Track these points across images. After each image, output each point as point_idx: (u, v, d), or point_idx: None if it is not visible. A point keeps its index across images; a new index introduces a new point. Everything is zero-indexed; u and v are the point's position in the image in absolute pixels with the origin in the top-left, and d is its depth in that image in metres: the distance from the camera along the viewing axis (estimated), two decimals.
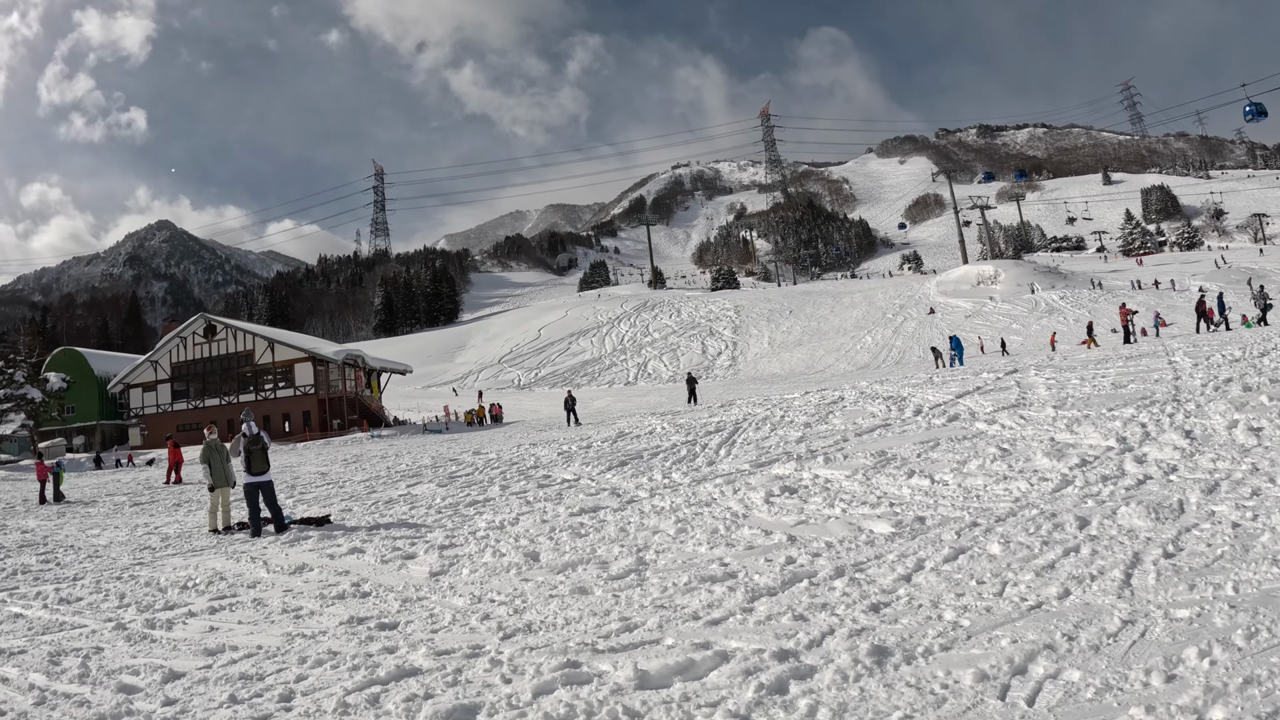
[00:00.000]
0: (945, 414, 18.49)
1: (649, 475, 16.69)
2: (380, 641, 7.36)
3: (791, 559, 8.71)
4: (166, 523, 19.14)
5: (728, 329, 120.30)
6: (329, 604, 9.14)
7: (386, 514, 16.07)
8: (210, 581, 11.06)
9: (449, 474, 21.83)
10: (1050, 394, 19.00)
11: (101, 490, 32.73)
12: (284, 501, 19.44)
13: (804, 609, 6.94)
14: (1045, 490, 10.49)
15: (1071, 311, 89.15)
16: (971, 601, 6.64)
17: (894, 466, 13.40)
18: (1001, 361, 38.25)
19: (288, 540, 14.08)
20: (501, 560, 10.44)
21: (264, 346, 75.55)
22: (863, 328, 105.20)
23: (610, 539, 11.04)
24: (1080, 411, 15.82)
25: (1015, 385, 21.81)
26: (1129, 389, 17.87)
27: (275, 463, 34.48)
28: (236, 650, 7.58)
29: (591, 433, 30.04)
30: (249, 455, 15.43)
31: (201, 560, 12.97)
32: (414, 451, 34.06)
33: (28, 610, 10.40)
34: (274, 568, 11.65)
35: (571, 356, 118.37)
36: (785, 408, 25.77)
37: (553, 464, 21.03)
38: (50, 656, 7.96)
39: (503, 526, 12.92)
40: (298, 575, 11.03)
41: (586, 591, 8.39)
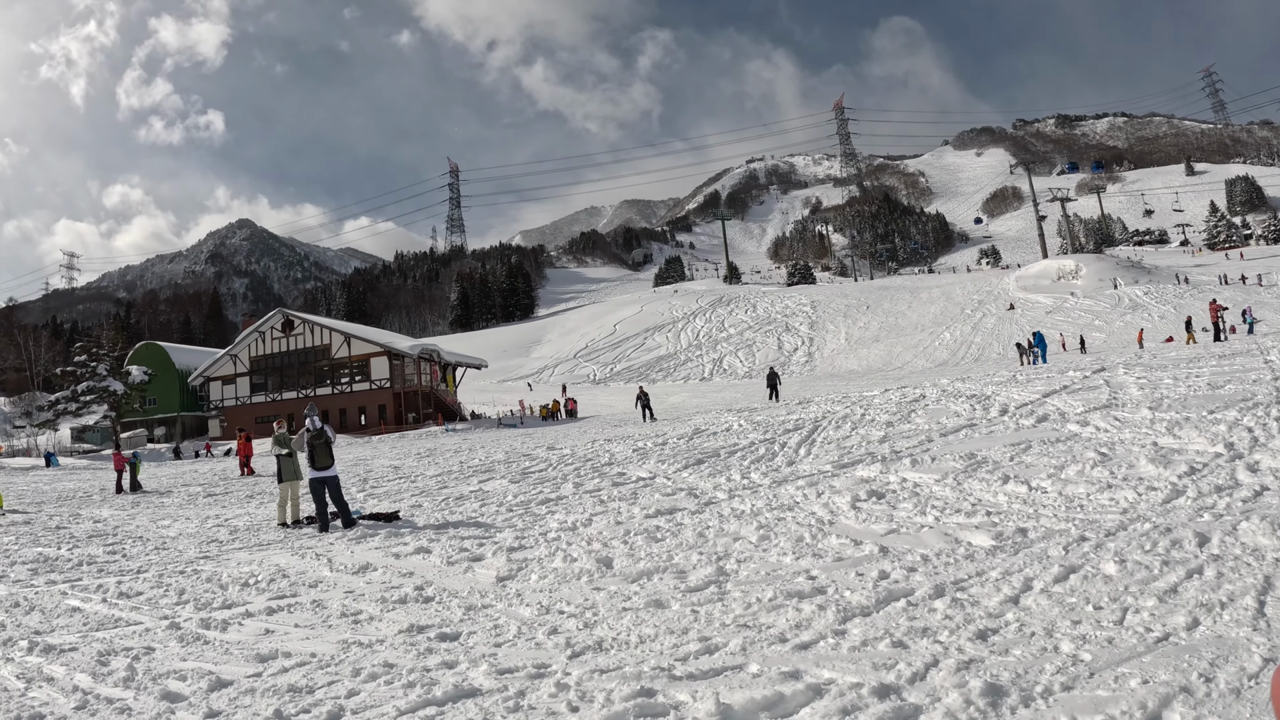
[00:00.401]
0: (1033, 414, 17.86)
1: (727, 475, 16.06)
2: (440, 655, 6.84)
3: (885, 574, 8.01)
4: (237, 515, 19.02)
5: (804, 325, 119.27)
6: (389, 609, 8.68)
7: (456, 511, 15.63)
8: (272, 579, 10.73)
9: (522, 470, 21.38)
10: (1143, 394, 18.34)
11: (178, 480, 33.12)
12: (354, 496, 19.23)
13: (903, 634, 6.28)
14: (1155, 501, 9.72)
15: (1156, 308, 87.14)
16: (1090, 630, 5.94)
17: (986, 470, 12.68)
18: (1086, 360, 37.17)
19: (354, 537, 13.72)
20: (572, 566, 9.87)
21: (340, 341, 76.20)
22: (941, 324, 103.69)
23: (688, 545, 10.37)
24: (1179, 414, 15.10)
25: (1104, 384, 21.20)
26: (1227, 390, 17.20)
27: (349, 456, 34.93)
28: (289, 658, 7.15)
29: (667, 429, 29.56)
30: (312, 450, 15.10)
31: (266, 555, 12.67)
32: (488, 446, 33.76)
33: (86, 604, 10.18)
34: (337, 566, 11.26)
35: (646, 352, 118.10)
36: (865, 406, 25.20)
37: (627, 461, 20.48)
38: (99, 656, 7.69)
39: (575, 528, 12.35)
40: (360, 575, 10.60)
41: (663, 605, 7.78)
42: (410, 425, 67.70)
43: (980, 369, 47.57)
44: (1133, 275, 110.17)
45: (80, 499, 27.77)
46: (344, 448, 43.35)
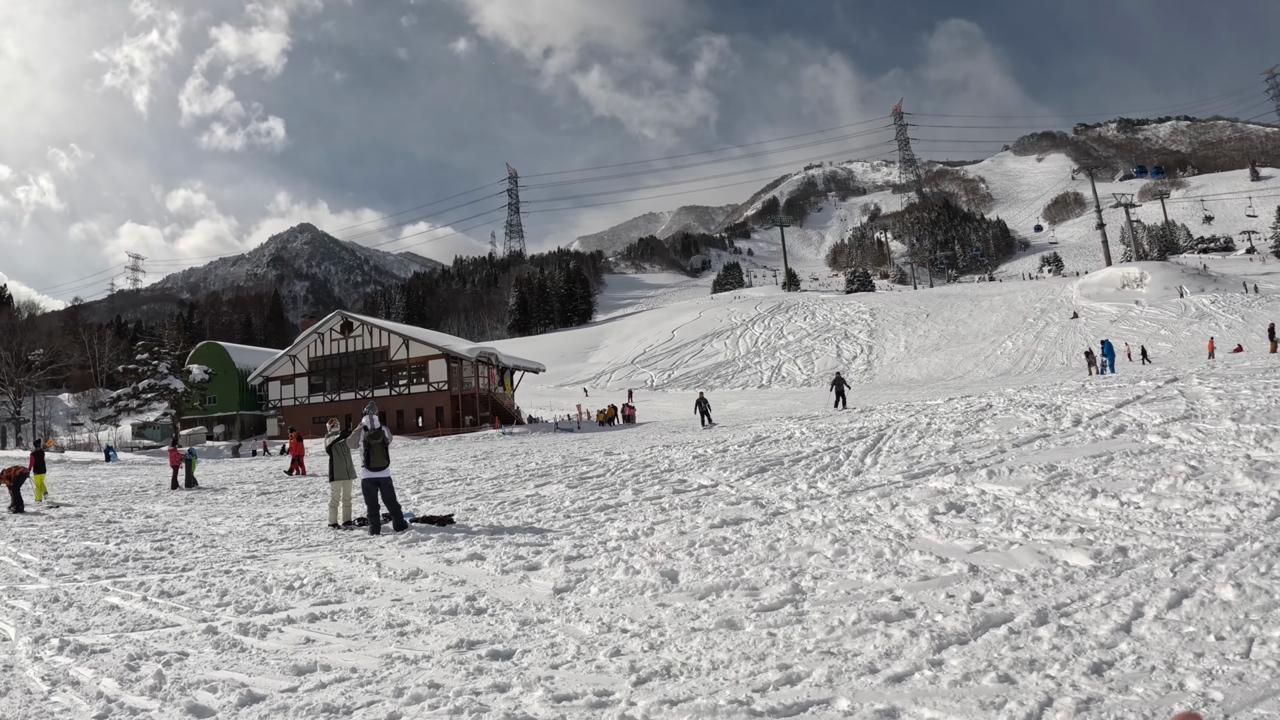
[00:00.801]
0: (1109, 425, 17.34)
1: (792, 484, 15.51)
2: (490, 675, 6.29)
3: (978, 595, 7.36)
4: (289, 514, 18.79)
5: (863, 332, 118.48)
6: (439, 620, 8.15)
7: (512, 516, 15.19)
8: (318, 583, 10.30)
9: (579, 475, 20.95)
10: (1222, 405, 17.75)
11: (234, 478, 33.39)
12: (408, 498, 18.91)
13: (1008, 666, 5.63)
14: (1259, 518, 9.10)
15: (1223, 317, 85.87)
16: (1216, 665, 5.32)
17: (1070, 484, 12.08)
18: (1156, 369, 36.26)
19: (406, 540, 13.26)
20: (635, 579, 9.27)
21: (399, 343, 76.42)
22: (1002, 332, 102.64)
23: (758, 559, 9.75)
24: (1265, 425, 14.49)
25: (1179, 395, 20.62)
26: None
27: (405, 457, 34.72)
28: (328, 671, 6.65)
29: (727, 435, 29.04)
30: (368, 449, 14.70)
31: (314, 557, 12.28)
32: (544, 450, 33.50)
33: (126, 602, 9.90)
34: (386, 571, 10.79)
35: (705, 358, 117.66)
36: (930, 414, 24.68)
37: (688, 468, 20.02)
38: (130, 659, 7.33)
39: (636, 537, 11.81)
40: (410, 582, 10.10)
41: (735, 625, 7.15)
42: (467, 428, 67.70)
43: (1045, 378, 46.69)
44: (1198, 283, 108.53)
45: (135, 494, 27.80)
46: (400, 449, 43.24)
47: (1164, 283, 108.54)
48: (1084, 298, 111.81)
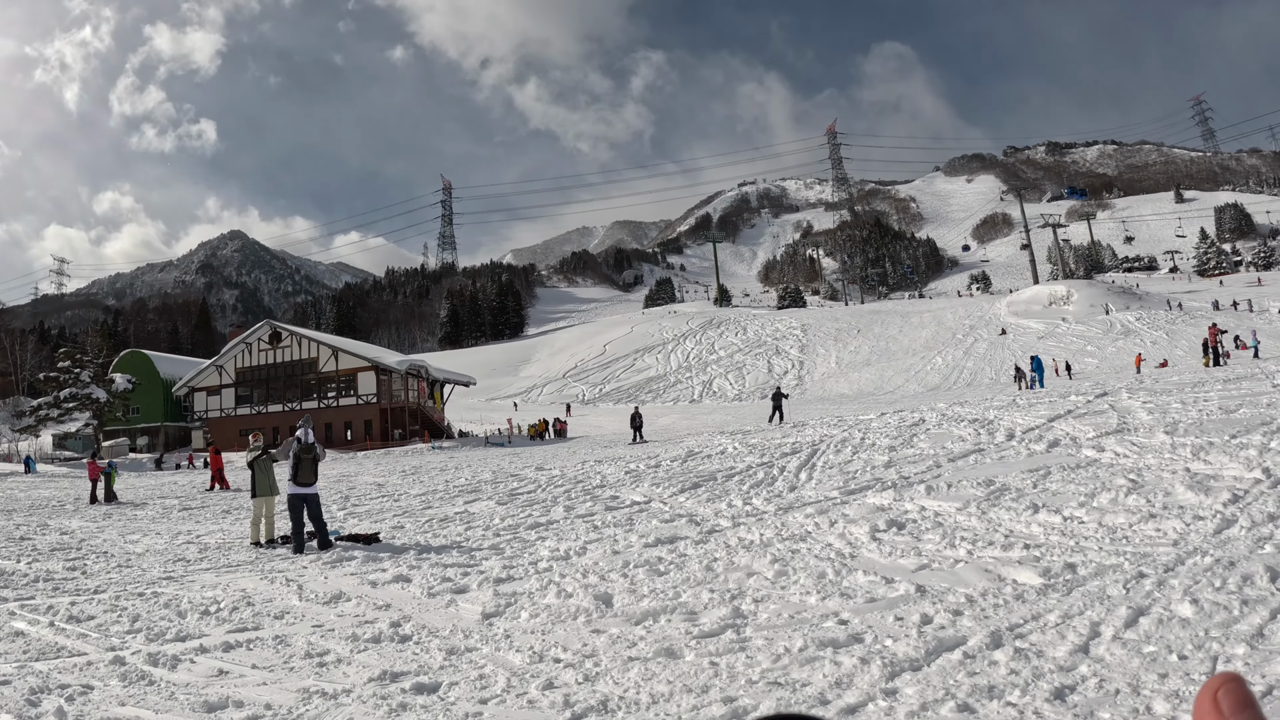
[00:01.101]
0: (1043, 439, 17.56)
1: (727, 500, 15.32)
2: (415, 712, 5.89)
3: (928, 617, 7.07)
4: (210, 531, 18.25)
5: (794, 348, 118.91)
6: (361, 649, 7.71)
7: (440, 534, 14.82)
8: (235, 607, 9.83)
9: (510, 491, 20.63)
10: (1153, 419, 18.05)
11: (155, 492, 32.65)
12: (334, 515, 18.45)
13: (966, 694, 5.36)
14: (1206, 531, 9.05)
15: (1148, 333, 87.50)
16: (1181, 686, 5.11)
17: (1010, 498, 12.04)
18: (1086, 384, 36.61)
19: (330, 560, 12.83)
20: (567, 603, 8.87)
21: (328, 354, 75.44)
22: (932, 348, 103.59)
23: (696, 580, 9.43)
24: (1199, 438, 14.73)
25: (1110, 409, 20.92)
26: (1241, 414, 16.93)
27: (333, 472, 34.13)
28: (240, 708, 6.22)
29: (659, 451, 28.82)
30: (298, 463, 14.26)
31: (233, 579, 11.80)
32: (475, 465, 33.08)
33: (32, 627, 9.38)
34: (308, 594, 10.32)
35: (636, 373, 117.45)
36: (864, 429, 24.73)
37: (620, 483, 19.80)
38: (30, 694, 6.82)
39: (568, 557, 11.45)
40: (332, 606, 9.67)
41: (675, 654, 6.78)
42: (396, 442, 66.90)
43: (975, 393, 46.99)
44: (1124, 301, 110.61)
45: (53, 508, 27.04)
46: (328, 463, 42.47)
47: (1090, 300, 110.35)
48: (1012, 315, 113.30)
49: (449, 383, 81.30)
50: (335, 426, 71.33)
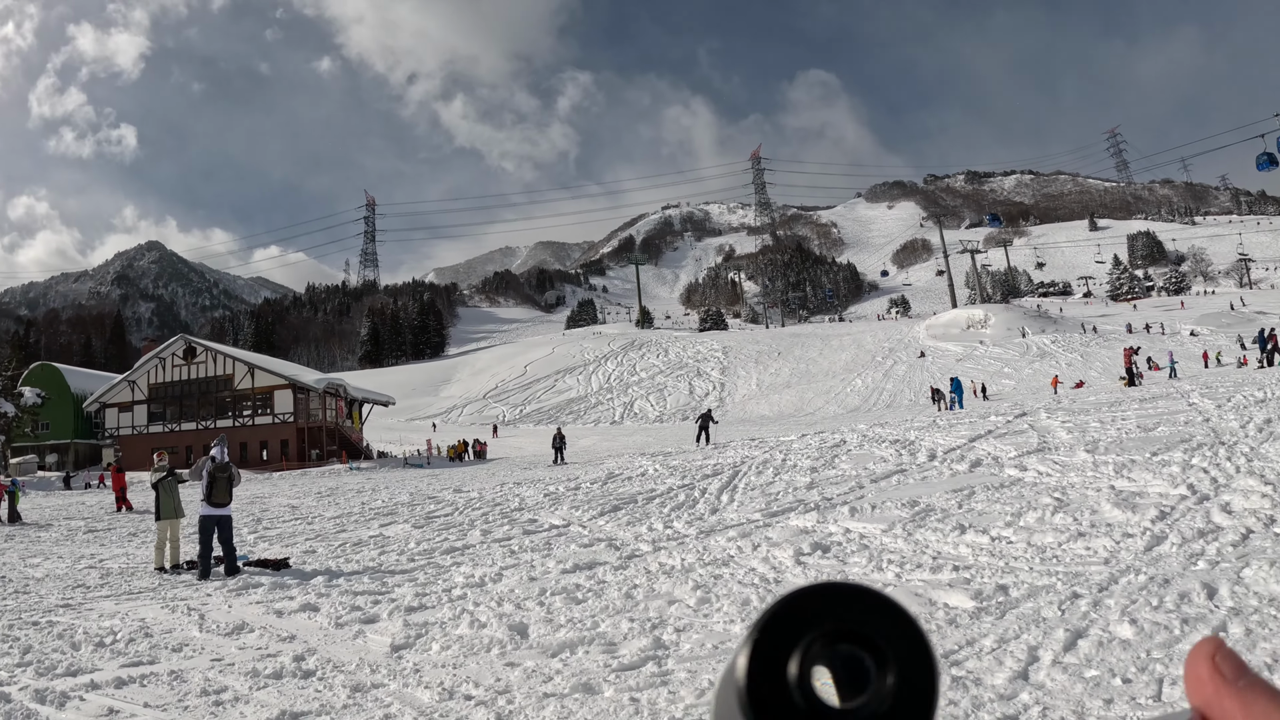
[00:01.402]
0: (964, 459, 17.57)
1: (647, 523, 15.11)
2: None
3: None
4: (114, 555, 17.67)
5: (715, 370, 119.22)
6: (261, 685, 7.28)
7: (353, 559, 14.41)
8: (132, 638, 9.33)
9: (426, 514, 20.25)
10: (1073, 437, 18.20)
11: (62, 512, 31.56)
12: (244, 538, 17.97)
13: None
14: (1136, 549, 9.11)
15: (1064, 355, 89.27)
16: (1129, 711, 4.98)
17: (935, 519, 12.01)
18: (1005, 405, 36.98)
19: (235, 587, 12.36)
20: (481, 633, 8.52)
21: (244, 371, 74.08)
22: (852, 371, 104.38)
23: (615, 608, 9.14)
24: (1121, 456, 14.86)
25: (1029, 429, 20.96)
26: (1159, 432, 17.09)
27: (246, 493, 33.32)
28: None
29: (579, 472, 28.50)
30: (213, 482, 13.77)
31: (134, 607, 11.29)
32: (392, 487, 32.53)
33: None
34: (209, 624, 9.86)
35: (557, 394, 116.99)
36: (785, 450, 24.56)
37: (539, 506, 19.51)
38: None
39: (483, 583, 11.11)
40: (234, 637, 9.22)
41: (593, 689, 6.48)
42: (313, 462, 65.77)
43: (895, 414, 47.29)
44: (1040, 324, 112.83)
45: None
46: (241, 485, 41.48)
47: (1007, 324, 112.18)
48: (931, 338, 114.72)
49: (368, 402, 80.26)
50: (250, 446, 70.00)
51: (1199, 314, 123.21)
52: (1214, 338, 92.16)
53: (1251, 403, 18.97)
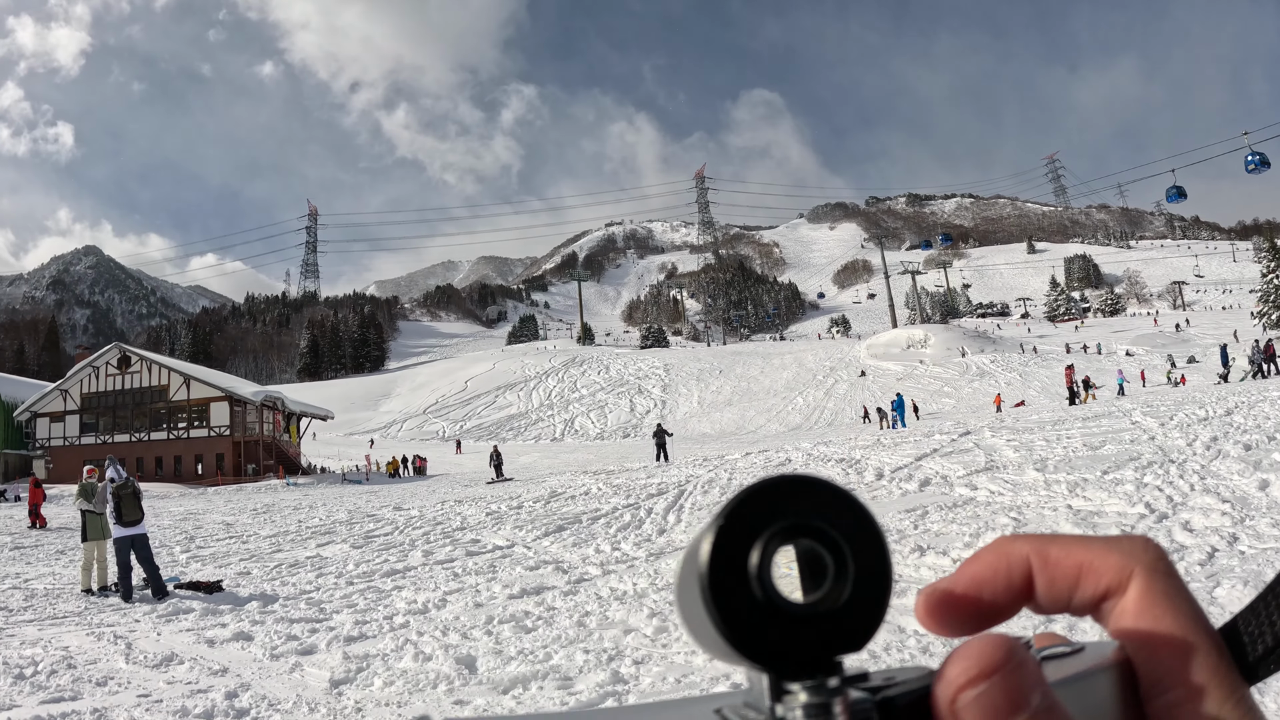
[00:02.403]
0: (913, 478, 17.55)
1: (594, 545, 14.78)
2: None
3: None
4: (40, 575, 16.81)
5: (657, 387, 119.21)
6: None
7: (289, 581, 13.86)
8: (54, 669, 8.75)
9: (365, 533, 19.76)
10: (1020, 456, 18.21)
11: None
12: (176, 557, 17.38)
13: None
14: None
15: (1003, 374, 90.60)
16: None
17: (892, 540, 11.49)
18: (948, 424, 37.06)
19: (166, 612, 11.76)
20: (426, 667, 8.04)
21: (179, 382, 72.75)
22: (793, 389, 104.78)
23: (568, 638, 8.71)
24: (1071, 474, 14.89)
25: (975, 447, 21.02)
26: (1106, 450, 17.16)
27: (179, 509, 32.54)
28: None
29: (521, 491, 28.06)
30: (119, 501, 13.21)
31: (58, 633, 10.69)
32: (330, 503, 31.84)
33: None
34: (136, 655, 9.31)
35: (498, 410, 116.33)
36: (730, 469, 24.48)
37: (481, 526, 19.14)
38: None
39: (426, 610, 10.64)
40: (162, 670, 8.69)
41: None
42: (249, 477, 64.72)
43: (836, 433, 47.32)
44: (979, 344, 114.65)
45: None
46: (175, 499, 40.65)
47: (946, 344, 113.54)
48: (871, 357, 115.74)
49: (306, 416, 79.20)
50: (185, 459, 68.79)
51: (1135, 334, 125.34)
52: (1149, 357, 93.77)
53: (1195, 420, 19.16)
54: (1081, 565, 0.43)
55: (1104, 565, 0.42)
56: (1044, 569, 0.44)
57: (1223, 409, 20.32)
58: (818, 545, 0.42)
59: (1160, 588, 0.41)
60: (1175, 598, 0.41)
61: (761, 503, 0.41)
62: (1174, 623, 0.40)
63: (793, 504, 0.42)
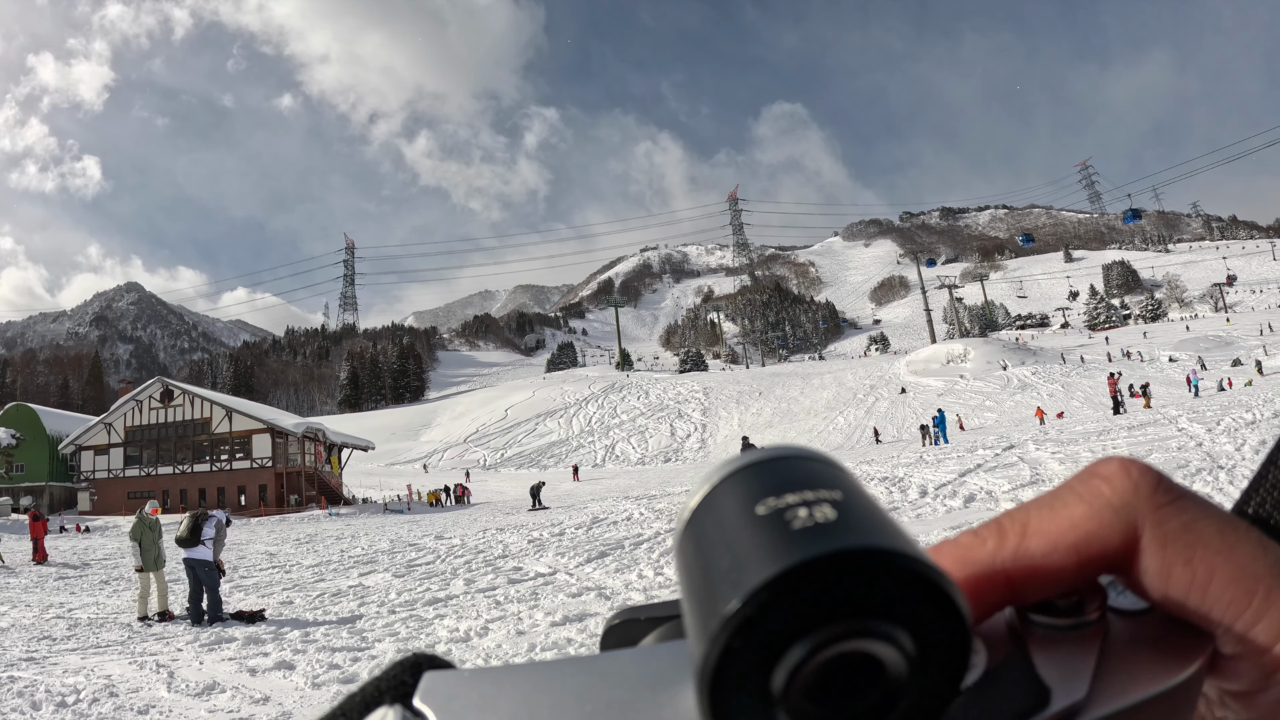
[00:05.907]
0: (957, 495, 17.36)
1: (637, 570, 14.63)
2: None
3: None
4: (85, 604, 16.93)
5: (697, 411, 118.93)
6: None
7: (331, 611, 13.83)
8: (96, 698, 8.74)
9: (407, 562, 19.70)
10: (1065, 469, 17.89)
11: (32, 558, 30.43)
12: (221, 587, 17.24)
13: None
14: None
15: (1045, 386, 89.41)
16: None
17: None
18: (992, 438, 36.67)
19: (208, 641, 11.74)
20: None
21: (221, 415, 73.30)
22: (834, 408, 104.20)
23: None
24: None
25: (1019, 461, 20.88)
26: (1154, 459, 16.70)
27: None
28: None
29: (563, 517, 27.94)
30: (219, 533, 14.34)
31: (100, 662, 10.69)
32: (372, 533, 31.91)
33: None
34: (178, 684, 9.27)
35: (539, 437, 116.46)
36: None
37: (523, 553, 18.99)
38: None
39: (468, 639, 10.59)
40: (204, 699, 8.65)
41: None
42: (292, 508, 64.90)
43: (880, 451, 46.90)
44: (1019, 357, 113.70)
45: None
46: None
47: (987, 357, 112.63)
48: (911, 374, 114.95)
49: (347, 446, 79.54)
50: (228, 491, 69.25)
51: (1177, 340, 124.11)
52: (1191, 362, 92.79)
53: (1242, 425, 18.91)
54: (1076, 543, 0.35)
55: (1103, 531, 0.35)
56: (1028, 559, 0.36)
57: (1269, 411, 19.98)
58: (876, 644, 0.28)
59: (1182, 539, 0.33)
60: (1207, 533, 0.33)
61: (793, 590, 0.27)
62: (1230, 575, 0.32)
63: (840, 586, 0.27)
